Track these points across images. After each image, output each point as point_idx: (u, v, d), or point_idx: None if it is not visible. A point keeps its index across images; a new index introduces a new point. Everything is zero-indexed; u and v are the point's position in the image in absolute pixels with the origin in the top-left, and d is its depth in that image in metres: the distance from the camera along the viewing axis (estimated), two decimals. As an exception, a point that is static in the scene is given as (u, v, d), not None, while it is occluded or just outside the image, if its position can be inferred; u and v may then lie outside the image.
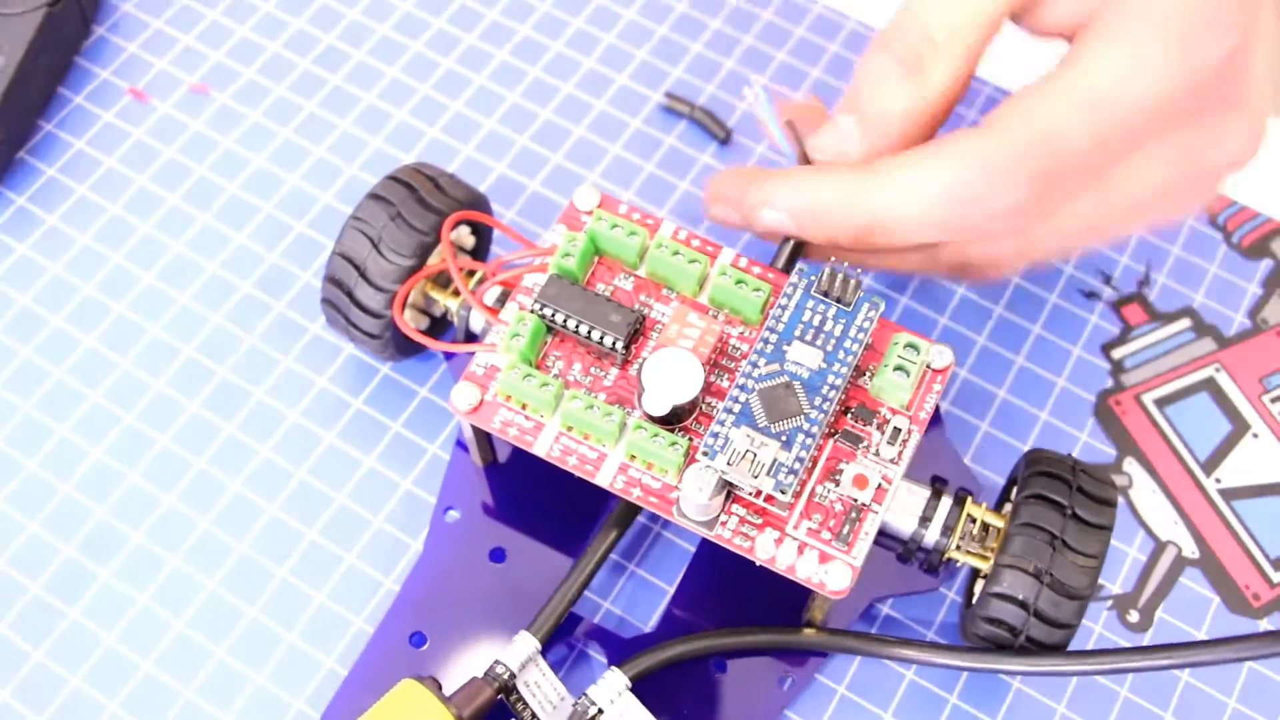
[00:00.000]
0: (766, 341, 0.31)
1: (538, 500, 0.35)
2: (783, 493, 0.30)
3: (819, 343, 0.31)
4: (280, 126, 0.41)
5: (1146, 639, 0.35)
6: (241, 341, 0.37)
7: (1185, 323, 0.39)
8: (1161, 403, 0.38)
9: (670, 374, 0.31)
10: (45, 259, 0.38)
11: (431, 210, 0.34)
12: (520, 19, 0.43)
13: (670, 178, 0.41)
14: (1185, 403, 0.38)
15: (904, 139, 0.32)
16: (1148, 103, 0.31)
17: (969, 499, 0.33)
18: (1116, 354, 0.39)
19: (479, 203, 0.35)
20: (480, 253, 0.37)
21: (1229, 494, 0.37)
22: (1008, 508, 0.34)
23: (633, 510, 0.33)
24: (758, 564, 0.30)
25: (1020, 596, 0.31)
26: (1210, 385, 0.38)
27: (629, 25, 0.43)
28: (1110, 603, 0.35)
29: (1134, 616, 0.35)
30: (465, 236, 0.36)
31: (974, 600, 0.33)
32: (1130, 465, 0.37)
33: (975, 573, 0.34)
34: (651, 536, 0.36)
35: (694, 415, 0.31)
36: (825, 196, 0.32)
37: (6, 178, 0.39)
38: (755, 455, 0.30)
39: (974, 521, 0.33)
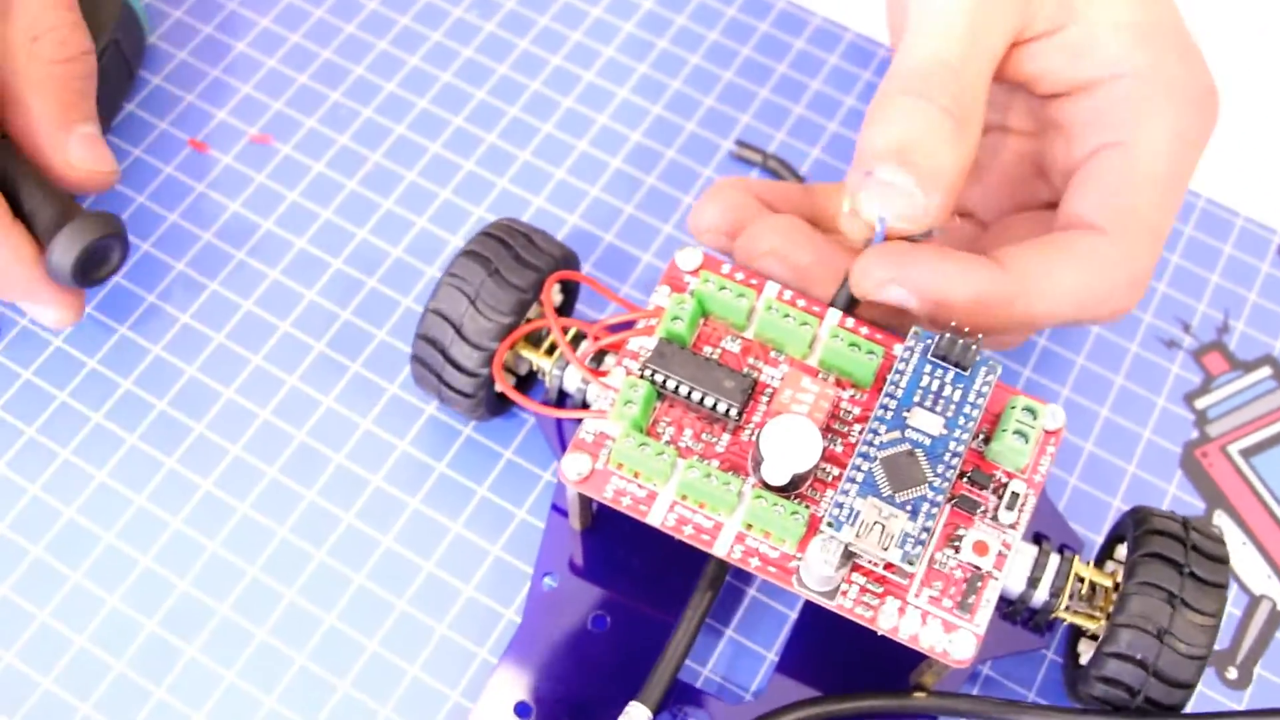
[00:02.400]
0: (886, 408, 0.30)
1: (636, 564, 0.34)
2: (910, 564, 0.29)
3: (939, 409, 0.31)
4: (345, 178, 0.40)
5: (1246, 696, 0.35)
6: (319, 404, 0.36)
7: (1266, 371, 0.39)
8: (1247, 453, 0.38)
9: (789, 442, 0.30)
10: (111, 320, 0.37)
11: (529, 267, 0.33)
12: (585, 65, 0.42)
13: (745, 228, 0.40)
14: (1271, 453, 0.38)
15: (954, 193, 0.31)
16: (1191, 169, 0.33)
17: (1075, 558, 0.32)
18: (1199, 404, 0.38)
19: (571, 260, 0.35)
20: (567, 309, 0.36)
21: (1321, 546, 0.37)
22: (1110, 565, 0.33)
23: (723, 569, 0.33)
24: (879, 634, 0.30)
25: (1139, 656, 0.31)
26: (1295, 435, 0.38)
27: (694, 71, 0.43)
28: (1210, 659, 0.35)
29: (1232, 673, 0.35)
30: (555, 293, 0.35)
31: (1084, 660, 0.32)
32: (1219, 518, 0.37)
33: (1076, 630, 0.33)
34: (745, 599, 0.35)
35: (809, 482, 0.31)
36: (957, 288, 0.31)
37: (67, 235, 0.38)
38: (884, 526, 0.29)
39: (1081, 581, 0.32)
